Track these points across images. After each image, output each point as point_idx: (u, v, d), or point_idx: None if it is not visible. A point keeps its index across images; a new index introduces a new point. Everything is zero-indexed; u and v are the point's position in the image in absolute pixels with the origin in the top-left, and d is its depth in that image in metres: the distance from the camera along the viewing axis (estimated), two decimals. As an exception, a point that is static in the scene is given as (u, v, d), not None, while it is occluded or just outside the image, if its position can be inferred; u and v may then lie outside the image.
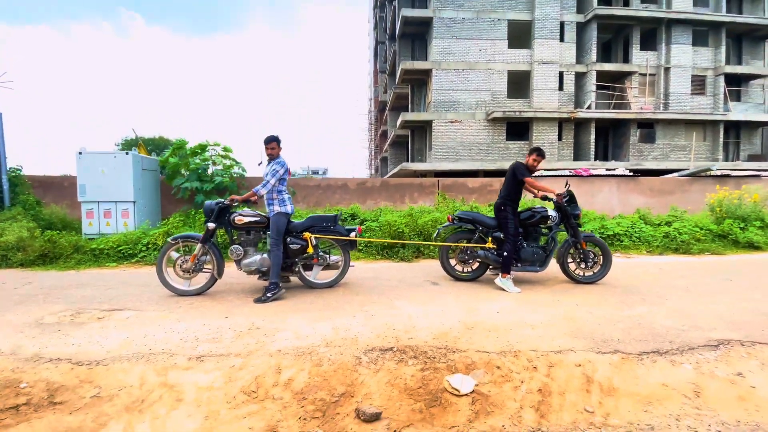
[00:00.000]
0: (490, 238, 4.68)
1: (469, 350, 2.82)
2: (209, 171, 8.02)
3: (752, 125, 22.03)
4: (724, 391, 2.33)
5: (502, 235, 4.60)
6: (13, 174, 8.01)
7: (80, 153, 7.14)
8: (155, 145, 23.69)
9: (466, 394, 2.37)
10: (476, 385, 2.44)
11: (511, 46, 20.79)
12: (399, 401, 2.33)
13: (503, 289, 4.43)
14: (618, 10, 20.29)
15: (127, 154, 7.25)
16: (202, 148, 7.95)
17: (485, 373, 2.57)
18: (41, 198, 8.03)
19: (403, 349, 2.84)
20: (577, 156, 21.05)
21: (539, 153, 4.51)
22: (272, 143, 4.31)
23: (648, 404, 2.23)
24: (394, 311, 3.70)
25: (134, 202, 7.24)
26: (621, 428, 2.04)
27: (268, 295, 4.03)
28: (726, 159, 21.74)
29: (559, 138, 20.71)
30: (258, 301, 4.02)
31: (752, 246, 7.33)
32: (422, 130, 22.81)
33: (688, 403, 2.23)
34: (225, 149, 8.12)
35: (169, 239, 4.34)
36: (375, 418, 2.10)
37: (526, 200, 7.73)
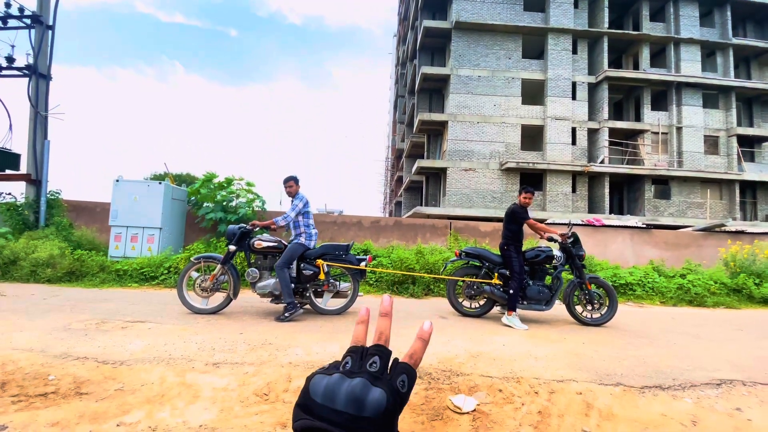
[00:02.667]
0: (496, 275, 4.82)
1: (473, 374, 2.91)
2: (233, 203, 8.46)
3: (769, 186, 21.95)
4: (721, 423, 2.36)
5: (507, 272, 4.74)
6: (52, 197, 8.60)
7: (117, 180, 7.70)
8: (182, 181, 24.79)
9: (468, 413, 2.45)
10: (478, 405, 2.52)
11: (524, 102, 21.77)
12: (402, 414, 2.42)
13: (510, 327, 4.49)
14: (627, 73, 21.24)
15: (160, 183, 7.77)
16: (229, 182, 8.46)
17: (487, 395, 2.65)
18: (74, 221, 8.53)
19: (408, 369, 2.94)
20: (592, 209, 21.13)
21: (527, 190, 4.76)
22: (290, 182, 4.67)
23: (645, 429, 2.27)
24: (402, 338, 3.79)
25: (161, 228, 7.65)
26: (615, 445, 2.09)
27: (286, 314, 4.23)
28: (744, 218, 21.49)
29: (573, 190, 20.96)
30: (278, 319, 4.23)
31: (767, 302, 7.19)
32: (437, 176, 23.43)
33: (684, 430, 2.26)
34: (248, 184, 8.61)
35: (191, 259, 4.63)
36: (378, 423, 2.19)
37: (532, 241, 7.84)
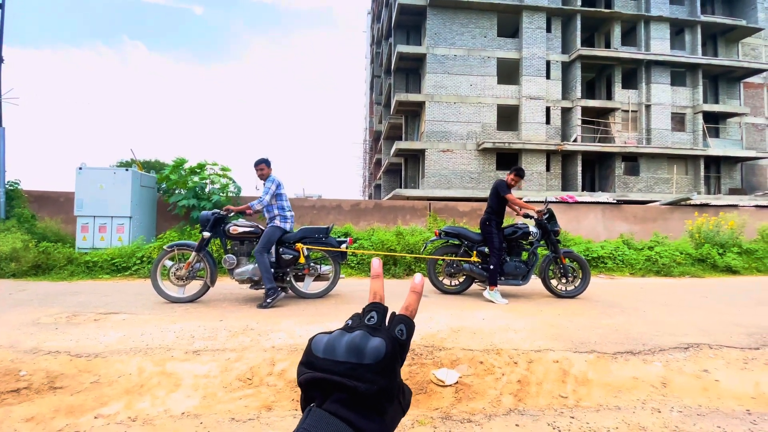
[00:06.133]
0: (474, 252, 4.90)
1: (455, 348, 2.97)
2: (206, 189, 8.21)
3: (732, 160, 23.00)
4: (689, 383, 2.50)
5: (486, 250, 4.83)
6: (11, 188, 8.14)
7: (80, 168, 7.32)
8: (151, 167, 23.88)
9: (451, 385, 2.51)
10: (460, 377, 2.58)
11: (500, 82, 21.82)
12: (386, 390, 2.45)
13: (491, 301, 4.59)
14: (600, 51, 21.53)
15: (126, 170, 7.44)
16: (201, 167, 8.18)
17: (469, 367, 2.71)
18: (36, 212, 8.12)
19: (391, 347, 2.97)
20: (565, 186, 21.67)
21: (518, 173, 4.82)
22: (261, 165, 4.56)
23: (618, 392, 2.38)
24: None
25: (130, 217, 7.37)
26: (591, 408, 2.19)
27: (268, 300, 4.16)
28: (708, 192, 22.54)
29: (548, 169, 21.38)
30: (260, 306, 4.15)
31: (730, 270, 7.61)
32: (415, 158, 23.41)
33: (655, 392, 2.39)
34: (223, 169, 8.35)
35: (165, 247, 4.48)
36: (363, 400, 2.22)
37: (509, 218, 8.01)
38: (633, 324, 3.74)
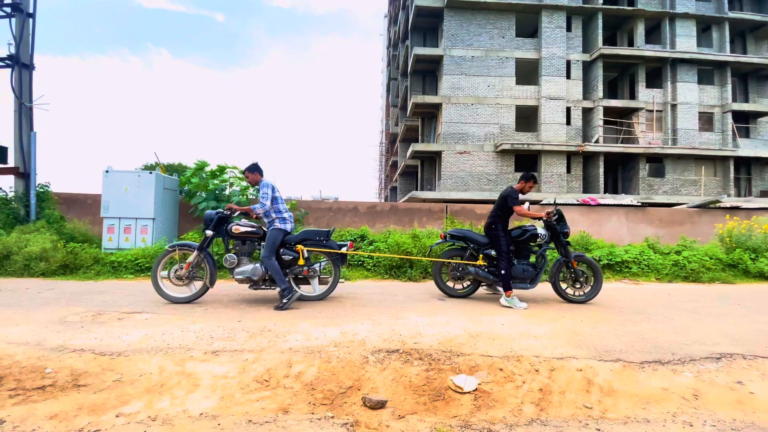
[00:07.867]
0: (481, 255, 4.83)
1: (473, 354, 2.91)
2: (226, 192, 8.36)
3: (763, 161, 22.04)
4: (722, 396, 2.37)
5: (493, 253, 4.75)
6: (42, 190, 8.45)
7: (107, 171, 7.55)
8: (173, 170, 24.46)
9: (469, 392, 2.45)
10: (479, 384, 2.52)
11: (518, 82, 21.51)
12: (404, 395, 2.42)
13: (510, 308, 4.50)
14: (622, 50, 21.00)
15: (150, 173, 7.64)
16: (222, 170, 8.33)
17: (488, 374, 2.65)
18: (65, 213, 8.41)
19: (409, 351, 2.93)
20: (587, 189, 21.18)
21: (534, 180, 4.72)
22: (245, 173, 4.67)
23: (647, 403, 2.28)
24: (401, 320, 3.80)
25: (154, 219, 7.55)
26: (618, 421, 2.10)
27: (284, 301, 4.19)
28: (738, 195, 21.64)
29: (568, 171, 20.94)
30: (277, 308, 4.17)
31: (763, 276, 7.27)
32: (432, 160, 23.30)
33: (686, 404, 2.28)
34: (242, 172, 8.48)
35: (166, 247, 4.56)
36: (381, 405, 2.19)
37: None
38: (660, 332, 3.59)
